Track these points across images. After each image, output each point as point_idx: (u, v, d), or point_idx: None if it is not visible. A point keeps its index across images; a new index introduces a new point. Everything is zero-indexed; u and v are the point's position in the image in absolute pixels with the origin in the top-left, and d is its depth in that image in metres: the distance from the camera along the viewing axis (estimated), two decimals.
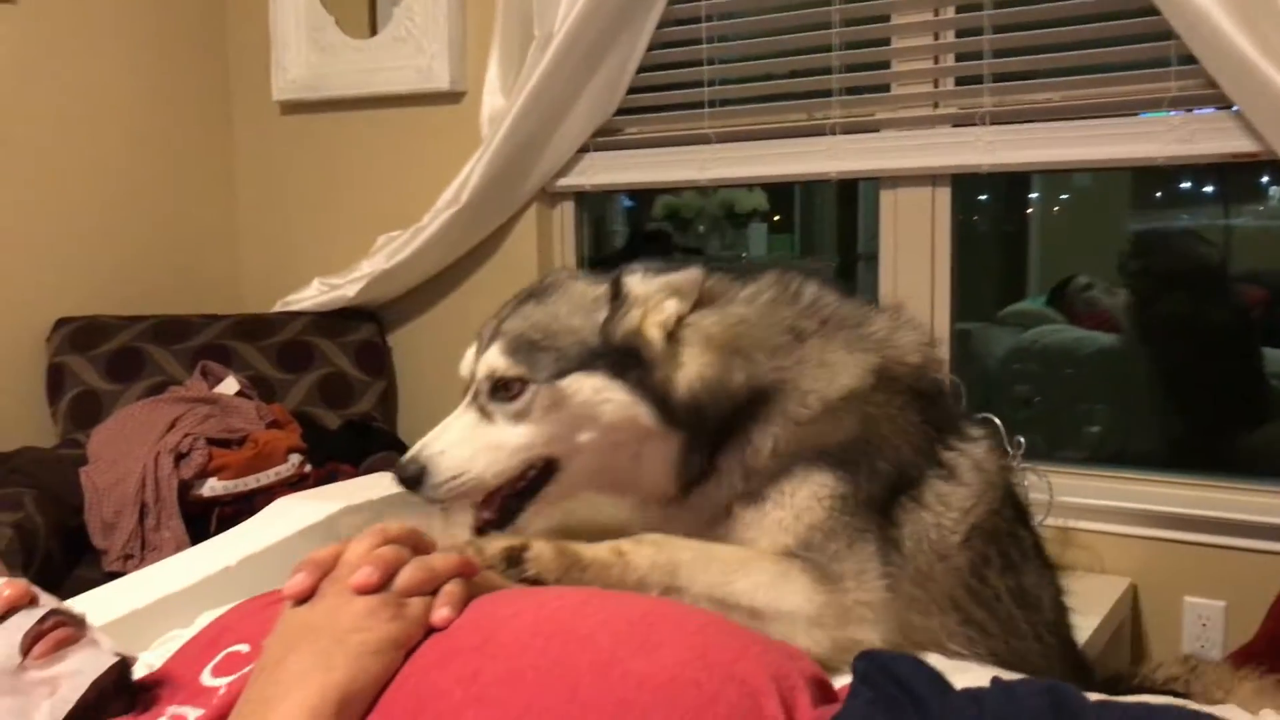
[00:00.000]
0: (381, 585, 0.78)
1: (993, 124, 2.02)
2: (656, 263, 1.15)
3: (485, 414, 1.06)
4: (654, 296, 1.10)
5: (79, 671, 0.86)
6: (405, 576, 0.79)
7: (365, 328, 2.70)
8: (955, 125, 2.09)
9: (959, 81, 2.10)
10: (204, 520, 2.13)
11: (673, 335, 1.10)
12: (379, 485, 1.56)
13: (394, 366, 2.76)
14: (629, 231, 3.54)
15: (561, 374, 1.06)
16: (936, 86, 2.12)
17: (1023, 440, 1.88)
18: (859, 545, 1.05)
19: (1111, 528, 1.99)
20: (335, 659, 0.72)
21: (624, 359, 1.07)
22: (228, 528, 1.48)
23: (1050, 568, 1.25)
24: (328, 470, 2.26)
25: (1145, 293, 2.60)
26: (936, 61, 2.11)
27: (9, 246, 2.47)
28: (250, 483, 2.18)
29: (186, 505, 2.13)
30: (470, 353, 1.11)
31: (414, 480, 1.05)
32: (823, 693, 0.75)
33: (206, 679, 0.85)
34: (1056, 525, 1.97)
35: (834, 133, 2.17)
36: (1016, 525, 1.18)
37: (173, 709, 0.79)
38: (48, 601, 0.91)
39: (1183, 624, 1.94)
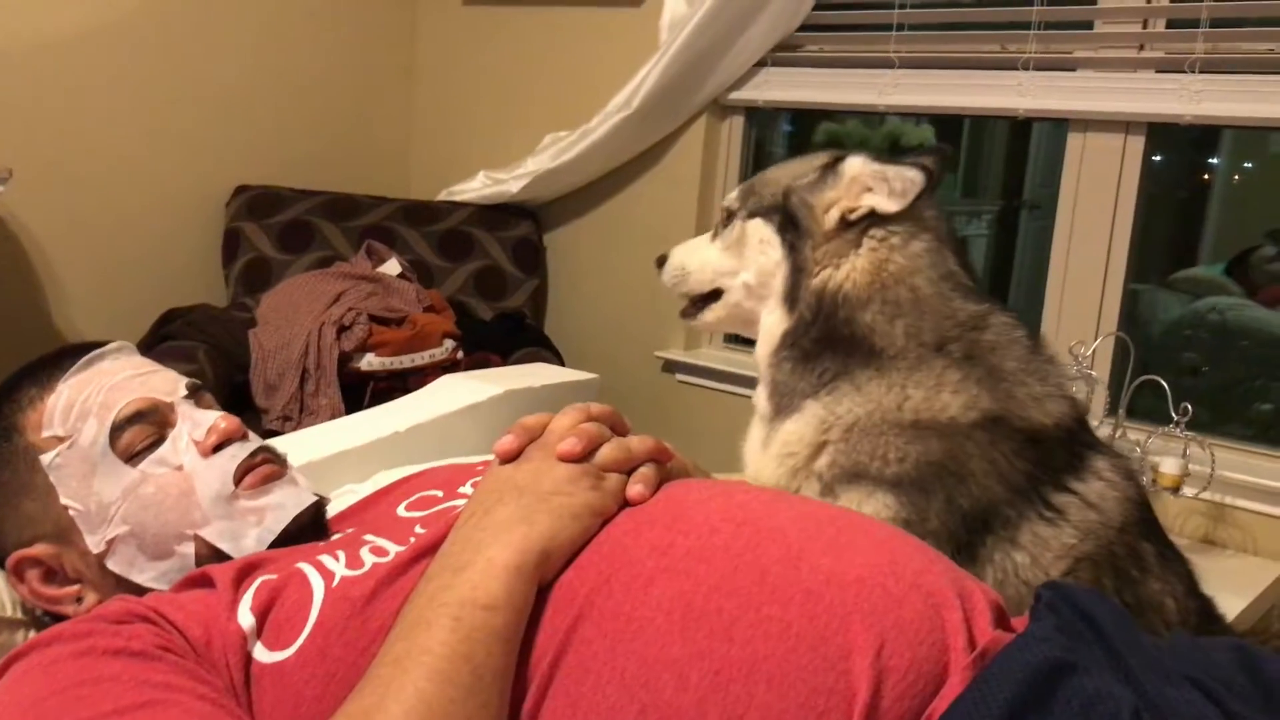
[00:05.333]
0: (584, 457, 0.82)
1: (1202, 72, 1.90)
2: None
3: (716, 235, 1.26)
4: (859, 181, 1.12)
5: (282, 505, 0.92)
6: (605, 453, 0.83)
7: (523, 225, 2.73)
8: (1159, 71, 1.97)
9: (1170, 24, 1.97)
10: (358, 392, 2.23)
11: (851, 227, 1.12)
12: (540, 373, 1.60)
13: (547, 265, 2.80)
14: (787, 156, 3.46)
15: (751, 215, 1.20)
16: (1145, 27, 2.00)
17: (1189, 407, 1.81)
18: None
19: (1271, 509, 1.90)
20: (537, 515, 0.76)
21: (790, 221, 1.16)
22: (380, 402, 1.51)
23: (1177, 562, 1.13)
24: (478, 359, 2.32)
25: None
26: (1149, 0, 1.99)
27: (200, 112, 2.58)
28: (406, 361, 2.26)
29: (344, 376, 2.22)
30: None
31: (659, 263, 1.33)
32: (1001, 619, 0.74)
33: (401, 512, 0.90)
34: (1213, 500, 1.90)
35: (1027, 68, 2.07)
36: (1139, 541, 1.08)
37: (370, 538, 0.83)
38: (255, 439, 0.97)
39: None
